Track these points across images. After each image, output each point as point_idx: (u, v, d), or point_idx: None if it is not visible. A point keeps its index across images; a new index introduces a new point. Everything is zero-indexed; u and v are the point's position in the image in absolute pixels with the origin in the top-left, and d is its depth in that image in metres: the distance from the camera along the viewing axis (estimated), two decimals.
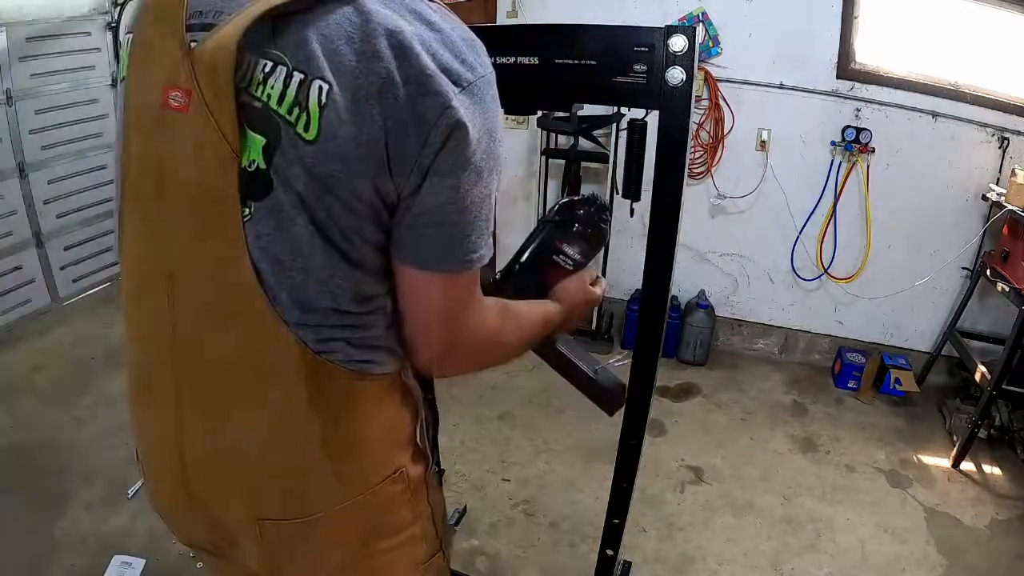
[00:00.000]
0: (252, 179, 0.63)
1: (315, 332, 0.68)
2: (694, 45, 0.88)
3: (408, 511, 0.82)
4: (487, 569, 1.99)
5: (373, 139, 0.61)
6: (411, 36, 0.60)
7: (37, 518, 2.04)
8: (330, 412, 0.72)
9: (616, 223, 3.16)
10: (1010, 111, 2.68)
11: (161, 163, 0.67)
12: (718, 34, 2.89)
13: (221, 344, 0.69)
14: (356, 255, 0.66)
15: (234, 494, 0.75)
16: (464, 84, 0.62)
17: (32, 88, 2.98)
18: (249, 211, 0.64)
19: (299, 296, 0.66)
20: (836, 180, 2.95)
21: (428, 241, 0.67)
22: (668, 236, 1.02)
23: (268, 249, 0.64)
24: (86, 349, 3.01)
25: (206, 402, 0.72)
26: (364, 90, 0.59)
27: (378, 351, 0.73)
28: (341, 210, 0.63)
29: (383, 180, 0.63)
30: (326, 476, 0.74)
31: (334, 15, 0.60)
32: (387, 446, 0.79)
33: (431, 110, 0.61)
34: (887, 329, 3.17)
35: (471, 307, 0.74)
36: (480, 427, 2.63)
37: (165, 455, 0.76)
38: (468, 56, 0.64)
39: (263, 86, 0.62)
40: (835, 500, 2.35)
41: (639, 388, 1.16)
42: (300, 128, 0.61)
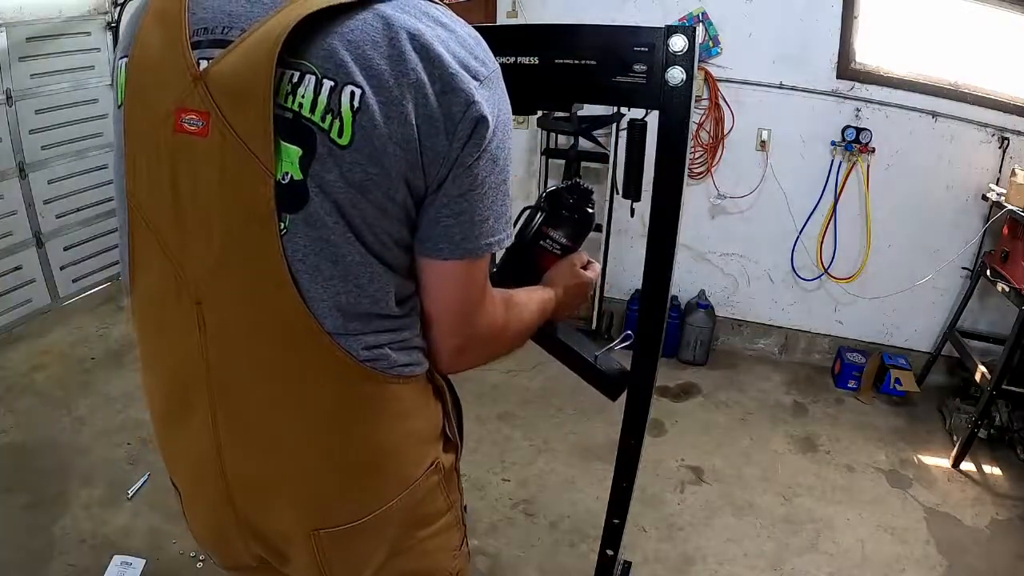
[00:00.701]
0: (286, 192, 0.63)
1: (359, 340, 0.69)
2: (694, 45, 0.88)
3: (443, 500, 0.86)
4: (487, 569, 1.99)
5: (407, 138, 0.63)
6: (431, 38, 0.63)
7: (37, 518, 2.04)
8: (374, 418, 0.73)
9: (616, 223, 3.16)
10: (1010, 111, 2.68)
11: (178, 189, 0.66)
12: (718, 34, 2.89)
13: (260, 363, 0.69)
14: (391, 257, 0.68)
15: (284, 509, 0.75)
16: (481, 79, 0.66)
17: (32, 88, 2.98)
18: (284, 225, 0.63)
19: (340, 305, 0.66)
20: (836, 180, 2.95)
21: (451, 230, 0.69)
22: (668, 236, 1.02)
23: (306, 260, 0.65)
24: (86, 349, 3.01)
25: (246, 422, 0.72)
26: (397, 91, 0.61)
27: (416, 352, 0.75)
28: (375, 213, 0.65)
29: (416, 177, 0.65)
30: (374, 479, 0.76)
31: (356, 22, 0.61)
32: (425, 442, 0.81)
33: (457, 106, 0.64)
34: (887, 329, 3.17)
35: (485, 298, 0.76)
36: (480, 427, 2.63)
37: (206, 479, 0.76)
38: (479, 52, 0.68)
39: (292, 96, 0.61)
40: (835, 500, 2.35)
41: (639, 388, 1.16)
42: (334, 134, 0.61)
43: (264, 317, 0.67)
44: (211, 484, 0.76)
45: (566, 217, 1.04)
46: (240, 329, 0.69)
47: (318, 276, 0.65)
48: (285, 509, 0.75)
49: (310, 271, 0.65)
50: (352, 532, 0.76)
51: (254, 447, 0.73)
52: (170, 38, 0.65)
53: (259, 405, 0.71)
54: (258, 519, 0.77)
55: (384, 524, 0.78)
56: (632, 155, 1.13)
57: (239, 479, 0.75)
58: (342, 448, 0.73)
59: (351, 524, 0.76)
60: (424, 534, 0.84)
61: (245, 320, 0.68)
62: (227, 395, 0.71)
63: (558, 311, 1.01)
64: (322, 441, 0.72)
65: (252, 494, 0.75)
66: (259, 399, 0.71)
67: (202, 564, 1.90)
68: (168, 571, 1.90)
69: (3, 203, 2.94)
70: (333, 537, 0.76)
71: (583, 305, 1.10)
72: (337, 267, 0.65)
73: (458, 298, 0.74)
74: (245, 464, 0.74)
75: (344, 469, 0.74)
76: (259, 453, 0.73)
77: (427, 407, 0.81)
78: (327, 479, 0.74)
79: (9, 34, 2.83)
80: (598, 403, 2.79)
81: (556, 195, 1.05)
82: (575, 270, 1.04)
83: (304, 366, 0.68)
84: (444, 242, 0.69)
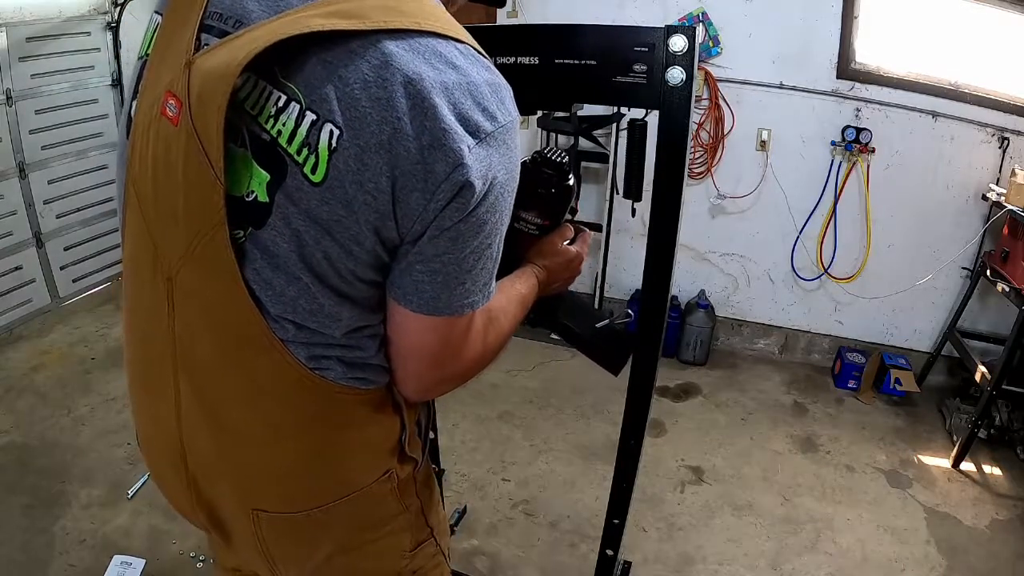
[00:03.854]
0: (250, 208, 0.62)
1: (307, 350, 0.68)
2: (694, 45, 0.88)
3: (395, 505, 0.84)
4: (487, 569, 1.99)
5: (380, 189, 0.59)
6: (431, 84, 0.58)
7: (37, 518, 2.04)
8: (322, 423, 0.73)
9: (616, 223, 3.16)
10: (1010, 111, 2.68)
11: (156, 167, 0.66)
12: (718, 34, 2.89)
13: (217, 349, 0.70)
14: (351, 291, 0.66)
15: (228, 486, 0.77)
16: (481, 136, 0.61)
17: (32, 88, 2.98)
18: (244, 233, 0.63)
19: (291, 317, 0.66)
20: (836, 180, 2.95)
21: (422, 286, 0.66)
22: (668, 236, 1.02)
23: (261, 273, 0.64)
24: (86, 349, 3.01)
25: (203, 402, 0.73)
26: (375, 139, 0.58)
27: (371, 369, 0.74)
28: (339, 253, 0.63)
29: (387, 228, 0.62)
30: (317, 479, 0.76)
31: (354, 56, 0.58)
32: (377, 452, 0.80)
33: (441, 165, 0.59)
34: (887, 329, 3.17)
35: (467, 342, 0.73)
36: (480, 427, 2.63)
37: (166, 446, 0.78)
38: (491, 104, 0.62)
39: (274, 120, 0.60)
40: (835, 500, 2.35)
41: (639, 388, 1.16)
42: (308, 169, 0.59)
43: (220, 310, 0.67)
44: (169, 450, 0.77)
45: (540, 194, 0.95)
46: (200, 315, 0.69)
47: (269, 290, 0.65)
48: (229, 486, 0.77)
49: (262, 284, 0.65)
50: (291, 521, 0.78)
51: (207, 424, 0.74)
52: (190, 12, 0.64)
53: (214, 387, 0.72)
54: (206, 490, 0.78)
55: (326, 522, 0.79)
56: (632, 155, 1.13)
57: (192, 450, 0.76)
58: (284, 446, 0.74)
59: (289, 514, 0.77)
60: (373, 536, 0.84)
61: (205, 308, 0.68)
62: (188, 371, 0.72)
63: (543, 292, 0.96)
64: (268, 435, 0.73)
65: (202, 467, 0.77)
66: (215, 382, 0.72)
67: (202, 564, 1.90)
68: (168, 571, 1.90)
69: (3, 203, 2.94)
70: (272, 521, 0.77)
71: (576, 276, 1.03)
72: (289, 287, 0.64)
73: (429, 350, 0.72)
74: (198, 437, 0.75)
75: (285, 464, 0.75)
76: (210, 430, 0.74)
77: (381, 420, 0.79)
78: (268, 470, 0.75)
79: (9, 34, 2.83)
80: (598, 403, 2.81)
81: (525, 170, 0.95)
82: (557, 248, 0.97)
83: (255, 363, 0.69)
84: (414, 295, 0.67)
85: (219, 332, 0.69)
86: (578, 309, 1.15)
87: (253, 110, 0.61)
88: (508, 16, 3.12)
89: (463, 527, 2.10)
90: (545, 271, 0.96)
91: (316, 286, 0.64)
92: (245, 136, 0.61)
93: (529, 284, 0.92)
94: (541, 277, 0.95)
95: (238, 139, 0.61)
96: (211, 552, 0.91)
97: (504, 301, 0.85)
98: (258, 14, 0.62)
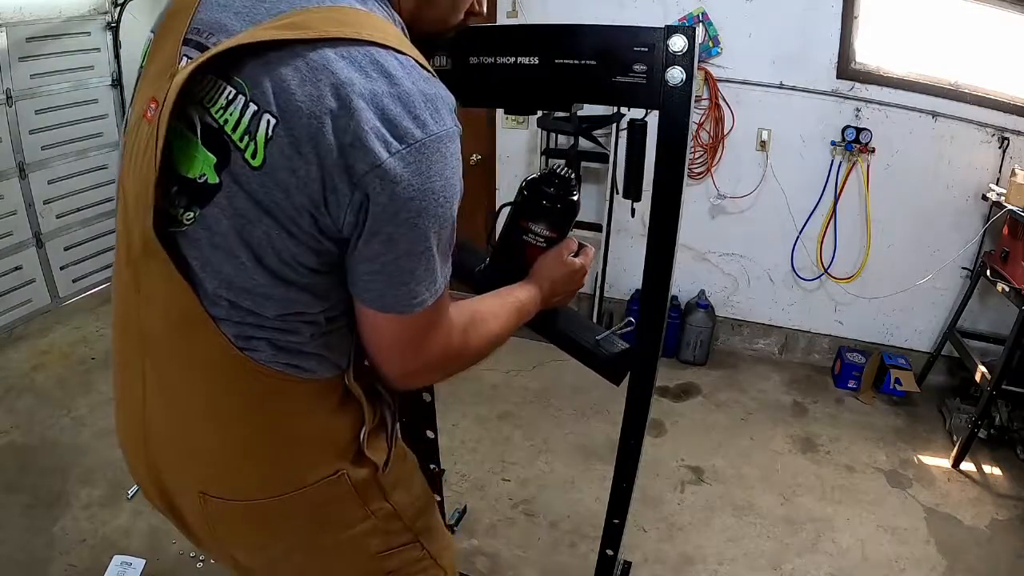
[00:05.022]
0: (201, 189, 0.68)
1: (237, 328, 0.72)
2: (694, 45, 0.87)
3: (357, 509, 0.85)
4: (487, 569, 1.99)
5: (310, 177, 0.64)
6: (360, 89, 0.62)
7: (37, 518, 2.04)
8: (255, 408, 0.76)
9: (616, 223, 3.16)
10: (1010, 111, 2.68)
11: (133, 164, 0.72)
12: (718, 34, 2.89)
13: (166, 331, 0.74)
14: (289, 274, 0.69)
15: (179, 468, 0.81)
16: (409, 142, 0.64)
17: (32, 88, 2.98)
18: (194, 215, 0.69)
19: (225, 294, 0.70)
20: (836, 180, 2.95)
21: (370, 284, 0.70)
22: (668, 236, 1.01)
23: (203, 250, 0.69)
24: (86, 349, 3.01)
25: (161, 384, 0.78)
26: (305, 131, 0.62)
27: (306, 357, 0.76)
28: (279, 233, 0.67)
29: (322, 216, 0.66)
30: (255, 467, 0.78)
31: (295, 57, 0.63)
32: (320, 449, 0.81)
33: (361, 164, 0.63)
34: (887, 329, 3.17)
35: (430, 336, 0.76)
36: (480, 427, 2.63)
37: (134, 429, 0.82)
38: (423, 113, 0.65)
39: (223, 111, 0.66)
40: (835, 500, 2.35)
41: (639, 388, 1.16)
42: (248, 155, 0.65)
43: (163, 287, 0.72)
44: (135, 434, 0.82)
45: (547, 208, 1.01)
46: (155, 298, 0.74)
47: (208, 267, 0.69)
48: (179, 468, 0.81)
49: (202, 260, 0.69)
50: (238, 509, 0.80)
51: (163, 403, 0.78)
52: (176, 30, 0.71)
53: (168, 366, 0.76)
54: (163, 472, 0.82)
55: (277, 516, 0.81)
56: (632, 155, 1.13)
57: (152, 432, 0.80)
58: (223, 429, 0.77)
59: (232, 501, 0.79)
60: (333, 537, 0.85)
61: (155, 291, 0.73)
62: (150, 352, 0.77)
63: (547, 303, 1.00)
64: (208, 415, 0.76)
65: (159, 448, 0.81)
66: (168, 361, 0.76)
67: (202, 564, 1.91)
68: (168, 571, 1.90)
69: (3, 203, 2.94)
70: (218, 506, 0.80)
71: (579, 290, 1.08)
72: (226, 264, 0.69)
73: (392, 341, 0.75)
74: (156, 418, 0.79)
75: (224, 449, 0.77)
76: (165, 411, 0.79)
77: (325, 414, 0.80)
78: (210, 452, 0.78)
79: (9, 34, 2.84)
80: (598, 403, 2.81)
81: (534, 186, 1.03)
82: (562, 260, 1.03)
83: (192, 338, 0.73)
84: (363, 291, 0.71)
85: (165, 309, 0.73)
86: (578, 321, 1.16)
87: (207, 103, 0.67)
88: (508, 16, 3.13)
89: (463, 527, 2.10)
90: (549, 282, 1.00)
91: (252, 264, 0.68)
92: (197, 125, 0.67)
93: (529, 293, 0.96)
94: (544, 287, 0.99)
95: (194, 129, 0.68)
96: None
97: (496, 306, 0.89)
98: (233, 27, 0.68)
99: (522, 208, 1.03)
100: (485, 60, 0.98)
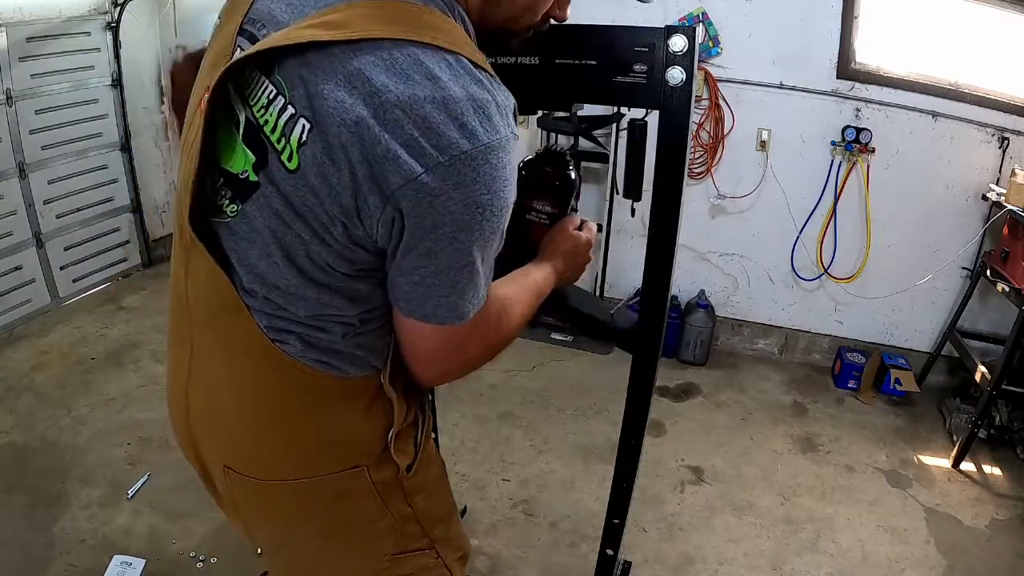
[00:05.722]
0: (243, 185, 0.68)
1: (269, 319, 0.72)
2: (694, 45, 0.88)
3: (374, 506, 0.85)
4: (487, 569, 1.99)
5: (342, 186, 0.62)
6: (395, 96, 0.59)
7: (37, 518, 2.04)
8: (285, 398, 0.76)
9: (616, 223, 3.16)
10: (1010, 111, 2.68)
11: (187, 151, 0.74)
12: (718, 34, 2.89)
13: (207, 315, 0.76)
14: (322, 278, 0.69)
15: (211, 440, 0.84)
16: (453, 153, 0.59)
17: (32, 88, 2.98)
18: (237, 209, 0.69)
19: (259, 289, 0.71)
20: (836, 180, 2.95)
21: (408, 295, 0.69)
22: (668, 236, 1.02)
23: (239, 244, 0.70)
24: (86, 349, 3.01)
25: (202, 363, 0.80)
26: (337, 139, 0.60)
27: (337, 355, 0.75)
28: (311, 237, 0.66)
29: (354, 225, 0.64)
30: (278, 451, 0.79)
31: (332, 60, 0.61)
32: (344, 444, 0.81)
33: (393, 176, 0.60)
34: (887, 329, 3.17)
35: (470, 341, 0.75)
36: (480, 427, 2.63)
37: (178, 398, 0.85)
38: (472, 121, 0.60)
39: (264, 111, 0.65)
40: (835, 500, 2.35)
41: (639, 388, 1.16)
42: (284, 157, 0.64)
43: (204, 273, 0.74)
44: (180, 400, 0.85)
45: (547, 185, 1.03)
46: (199, 283, 0.75)
47: (245, 261, 0.70)
48: (211, 440, 0.84)
49: (239, 254, 0.70)
50: (258, 488, 0.82)
51: (202, 379, 0.81)
52: (234, 19, 0.71)
53: (208, 347, 0.78)
54: (199, 441, 0.85)
55: (294, 500, 0.82)
56: (632, 155, 1.12)
57: (193, 402, 0.83)
58: (250, 410, 0.78)
59: (253, 479, 0.81)
60: (351, 531, 0.86)
61: (199, 277, 0.75)
62: (195, 331, 0.79)
63: (561, 280, 1.00)
64: (238, 396, 0.78)
65: (197, 419, 0.84)
66: (209, 343, 0.78)
67: (202, 564, 1.91)
68: (168, 571, 1.89)
69: (3, 203, 2.94)
70: (240, 482, 0.82)
71: (586, 265, 1.08)
72: (260, 262, 0.69)
73: (431, 348, 0.74)
74: (196, 391, 0.82)
75: (249, 429, 0.79)
76: (203, 385, 0.81)
77: (354, 415, 0.79)
78: (237, 430, 0.80)
79: (9, 34, 2.83)
80: (598, 403, 2.81)
81: (532, 165, 1.05)
82: (567, 234, 1.03)
83: (231, 328, 0.74)
84: (402, 301, 0.70)
85: (207, 295, 0.75)
86: (589, 298, 1.17)
87: (251, 100, 0.66)
88: None
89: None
90: (560, 257, 1.00)
91: (285, 264, 0.68)
92: (241, 121, 0.67)
93: (543, 273, 0.95)
94: (557, 264, 0.99)
95: (238, 125, 0.68)
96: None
97: (518, 289, 0.88)
98: (282, 19, 0.67)
99: (522, 188, 1.03)
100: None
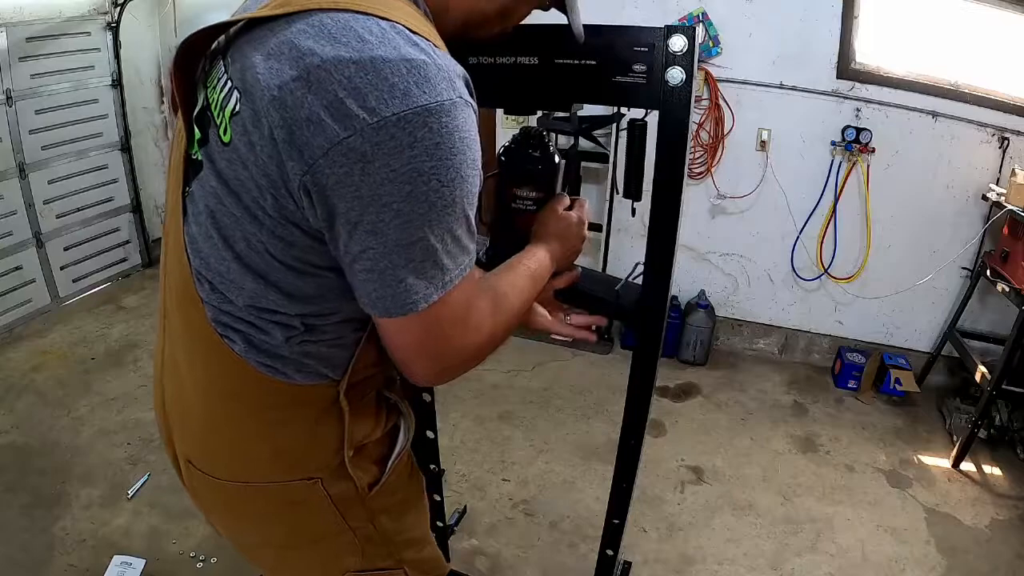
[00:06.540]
0: (193, 164, 0.70)
1: (214, 312, 0.72)
2: (694, 45, 0.87)
3: (333, 521, 0.83)
4: (487, 569, 1.99)
5: (267, 153, 0.60)
6: (321, 58, 0.57)
7: (37, 518, 2.04)
8: (234, 396, 0.76)
9: (616, 223, 3.16)
10: (1010, 111, 2.68)
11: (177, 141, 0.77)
12: (718, 34, 2.89)
13: (174, 304, 0.78)
14: (259, 263, 0.67)
15: (177, 432, 0.85)
16: (383, 115, 0.56)
17: (32, 88, 2.98)
18: (189, 189, 0.72)
19: (205, 273, 0.71)
20: (836, 180, 2.95)
21: (366, 286, 0.64)
22: (668, 236, 1.01)
23: (190, 227, 0.72)
24: (86, 349, 3.01)
25: (171, 352, 0.82)
26: (261, 104, 0.59)
27: (282, 360, 0.73)
28: (243, 213, 0.65)
29: (283, 196, 0.62)
30: (232, 451, 0.80)
31: (269, 33, 0.62)
32: (293, 453, 0.79)
33: (318, 140, 0.57)
34: (887, 329, 3.17)
35: (456, 331, 0.69)
36: (480, 427, 2.63)
37: (156, 387, 0.88)
38: (405, 82, 0.57)
39: (214, 90, 0.67)
40: (835, 500, 2.35)
41: (639, 388, 1.16)
42: (221, 131, 0.65)
43: (171, 267, 0.76)
44: (158, 390, 0.87)
45: (528, 170, 0.99)
46: (171, 266, 0.77)
47: (194, 245, 0.71)
48: (178, 431, 0.85)
49: (190, 237, 0.72)
50: (212, 484, 0.82)
51: (171, 369, 0.83)
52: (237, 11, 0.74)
53: (177, 335, 0.80)
54: (172, 430, 0.86)
55: (245, 501, 0.82)
56: (632, 155, 1.12)
57: (167, 392, 0.85)
58: (205, 404, 0.79)
59: (208, 475, 0.82)
60: (309, 544, 0.86)
61: (171, 260, 0.77)
62: (168, 319, 0.82)
63: (557, 262, 0.96)
64: (196, 388, 0.79)
65: (168, 408, 0.86)
66: (177, 330, 0.80)
67: (202, 564, 1.91)
68: (168, 571, 1.90)
69: (3, 203, 2.95)
70: (199, 476, 0.83)
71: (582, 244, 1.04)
72: (205, 243, 0.70)
73: (410, 348, 0.68)
74: (169, 380, 0.84)
75: (204, 423, 0.80)
76: (173, 375, 0.83)
77: (304, 423, 0.77)
78: (194, 423, 0.82)
79: (9, 34, 2.84)
80: (598, 403, 2.81)
81: (510, 152, 1.02)
82: (558, 215, 0.98)
83: (189, 318, 0.75)
84: (365, 297, 0.65)
85: (175, 282, 0.77)
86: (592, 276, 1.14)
87: (209, 84, 0.69)
88: None
89: (463, 527, 2.10)
90: (554, 239, 0.97)
91: (223, 246, 0.68)
92: (198, 105, 0.70)
93: (537, 258, 0.92)
94: (552, 247, 0.95)
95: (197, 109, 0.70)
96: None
97: (511, 275, 0.85)
98: (252, 8, 0.68)
99: (505, 177, 1.02)
100: (484, 60, 0.98)
